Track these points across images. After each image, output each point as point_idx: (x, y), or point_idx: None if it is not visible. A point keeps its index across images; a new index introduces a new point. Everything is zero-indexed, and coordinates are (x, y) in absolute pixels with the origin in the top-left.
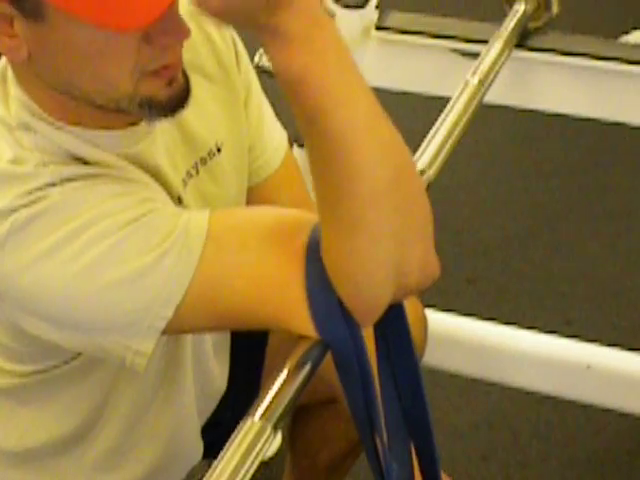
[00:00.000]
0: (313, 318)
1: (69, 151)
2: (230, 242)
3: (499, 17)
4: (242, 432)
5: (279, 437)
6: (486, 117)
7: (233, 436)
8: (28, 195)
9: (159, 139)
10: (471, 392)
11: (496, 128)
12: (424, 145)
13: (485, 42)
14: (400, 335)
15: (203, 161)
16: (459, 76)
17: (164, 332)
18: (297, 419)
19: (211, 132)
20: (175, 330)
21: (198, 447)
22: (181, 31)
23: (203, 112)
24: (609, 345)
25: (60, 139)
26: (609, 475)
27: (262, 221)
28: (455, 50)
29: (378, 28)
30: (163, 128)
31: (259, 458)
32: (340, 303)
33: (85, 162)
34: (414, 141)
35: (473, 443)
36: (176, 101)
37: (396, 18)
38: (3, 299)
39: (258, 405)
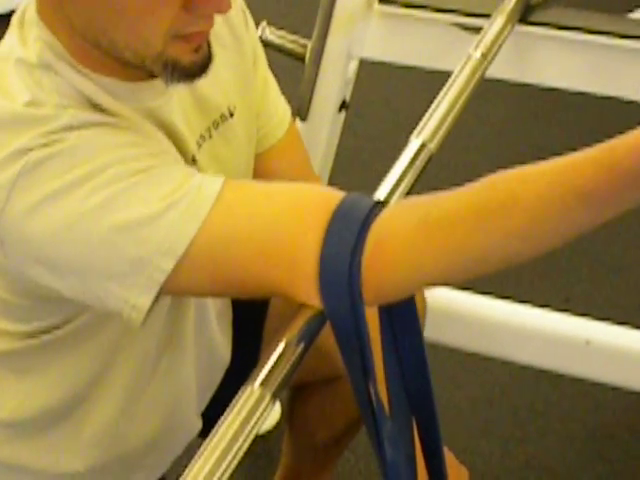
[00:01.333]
0: (321, 291)
1: (88, 97)
2: (242, 208)
3: None
4: (242, 399)
5: (278, 409)
6: (487, 94)
7: (232, 403)
8: (45, 136)
9: (175, 99)
10: (470, 367)
11: (498, 105)
12: (426, 118)
13: (488, 16)
14: (406, 311)
15: (216, 124)
16: (461, 50)
17: (163, 291)
18: (296, 397)
19: (224, 97)
20: (174, 289)
21: (196, 423)
22: (222, 3)
23: (216, 78)
24: (607, 320)
25: (81, 84)
26: (608, 451)
27: (279, 191)
28: (457, 24)
29: (381, 1)
30: (179, 90)
31: (258, 425)
32: (350, 282)
33: (102, 111)
34: (416, 114)
35: (472, 419)
36: (198, 68)
37: None
38: (10, 246)
39: (258, 373)
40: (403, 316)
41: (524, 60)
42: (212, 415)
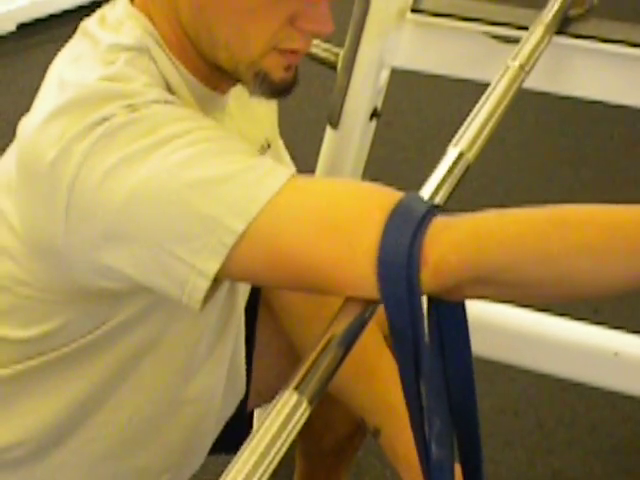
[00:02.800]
0: (378, 269)
1: (173, 88)
2: (310, 186)
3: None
4: (278, 405)
5: None
6: (515, 103)
7: (269, 409)
8: (128, 106)
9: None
10: (497, 377)
11: (527, 115)
12: (464, 127)
13: (523, 28)
14: (457, 325)
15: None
16: (493, 60)
17: (225, 267)
18: None
19: (261, 130)
20: (234, 265)
21: (212, 439)
22: (326, 24)
23: (254, 110)
24: (636, 333)
25: (170, 73)
26: (634, 464)
27: (344, 181)
28: (491, 34)
29: (413, 10)
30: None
31: (294, 433)
32: (410, 256)
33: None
34: (445, 123)
35: (498, 428)
36: (285, 86)
37: (431, 1)
38: (76, 221)
39: (295, 378)
40: (453, 328)
41: (561, 72)
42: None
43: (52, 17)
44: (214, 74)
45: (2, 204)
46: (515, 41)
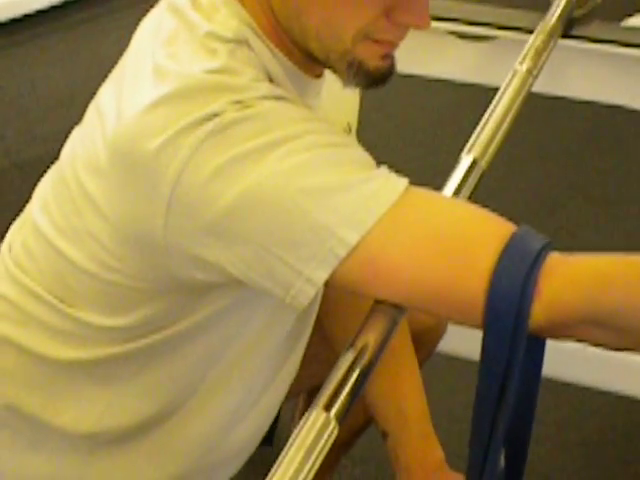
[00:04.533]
0: (490, 292)
1: (274, 76)
2: (427, 203)
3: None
4: (307, 425)
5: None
6: (487, 99)
7: (297, 429)
8: (239, 102)
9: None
10: (466, 374)
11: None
12: (475, 134)
13: (527, 31)
14: (536, 361)
15: None
16: (501, 65)
17: (333, 275)
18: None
19: (344, 114)
20: (342, 275)
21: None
22: (423, 18)
23: (338, 94)
24: None
25: (270, 62)
26: (604, 458)
27: (459, 201)
28: (499, 38)
29: None
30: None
31: (323, 452)
32: (524, 286)
33: None
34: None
35: (467, 424)
36: (381, 75)
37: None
38: (178, 214)
39: (322, 397)
40: (531, 362)
41: (566, 74)
42: None
43: (27, 17)
44: (308, 60)
45: (89, 186)
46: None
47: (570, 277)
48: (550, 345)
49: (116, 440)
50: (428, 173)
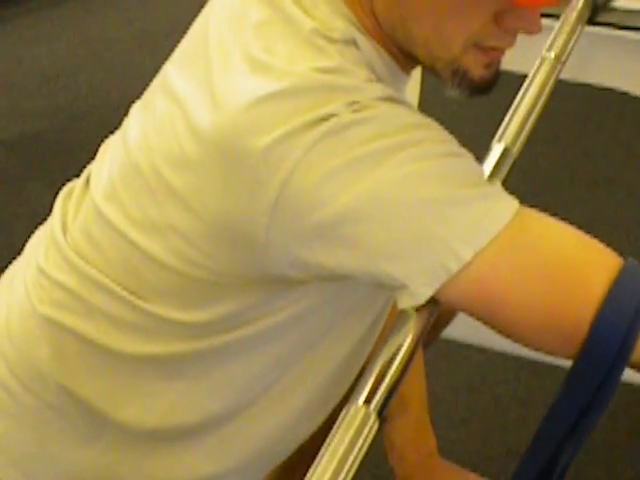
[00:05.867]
0: (592, 330)
1: (378, 75)
2: (541, 226)
3: None
4: (347, 420)
5: None
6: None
7: (337, 424)
8: (355, 104)
9: None
10: (451, 356)
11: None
12: (506, 122)
13: (553, 17)
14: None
15: None
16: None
17: (441, 291)
18: None
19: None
20: (444, 291)
21: None
22: (535, 24)
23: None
24: None
25: (375, 60)
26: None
27: (570, 229)
28: None
29: None
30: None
31: (365, 447)
32: (626, 339)
33: None
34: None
35: (453, 407)
36: (485, 84)
37: None
38: (283, 215)
39: (362, 391)
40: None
41: (590, 61)
42: None
43: None
44: (409, 62)
45: (172, 180)
46: None
47: None
48: None
49: (178, 437)
50: None
